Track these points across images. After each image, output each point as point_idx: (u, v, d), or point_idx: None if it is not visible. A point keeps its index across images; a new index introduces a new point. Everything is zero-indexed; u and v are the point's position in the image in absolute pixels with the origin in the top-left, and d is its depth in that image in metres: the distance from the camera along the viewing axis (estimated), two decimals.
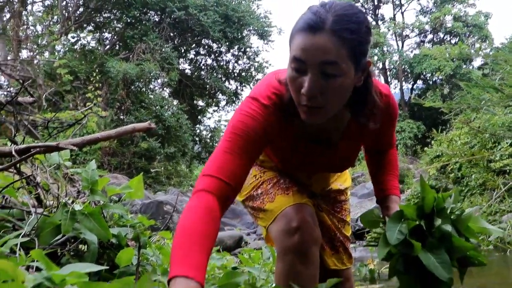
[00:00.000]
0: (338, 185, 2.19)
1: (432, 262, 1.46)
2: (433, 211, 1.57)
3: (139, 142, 19.52)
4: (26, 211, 2.14)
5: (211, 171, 1.49)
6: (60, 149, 1.71)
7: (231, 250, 6.83)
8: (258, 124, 1.58)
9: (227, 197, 1.49)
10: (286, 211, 1.85)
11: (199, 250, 1.28)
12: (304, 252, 1.80)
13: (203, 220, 1.37)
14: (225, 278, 1.89)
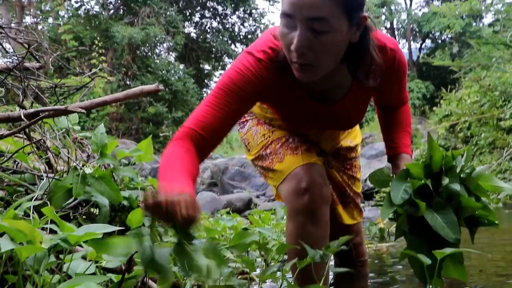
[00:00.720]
0: (348, 142, 2.17)
1: (439, 222, 1.43)
2: (441, 170, 1.53)
3: (147, 107, 19.52)
4: (38, 176, 2.15)
5: (189, 123, 1.54)
6: (68, 112, 1.70)
7: (240, 213, 6.89)
8: (246, 80, 1.56)
9: (200, 147, 1.52)
10: (295, 171, 1.85)
11: (185, 173, 1.38)
12: (314, 212, 1.80)
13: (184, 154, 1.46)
14: (236, 238, 1.91)
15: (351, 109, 1.83)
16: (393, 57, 1.68)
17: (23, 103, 2.14)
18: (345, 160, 2.18)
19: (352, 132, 2.20)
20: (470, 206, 1.45)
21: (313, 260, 1.56)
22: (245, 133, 2.10)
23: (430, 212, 1.44)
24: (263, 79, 1.58)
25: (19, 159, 2.20)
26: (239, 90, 1.56)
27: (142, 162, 2.44)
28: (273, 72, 1.59)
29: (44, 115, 1.61)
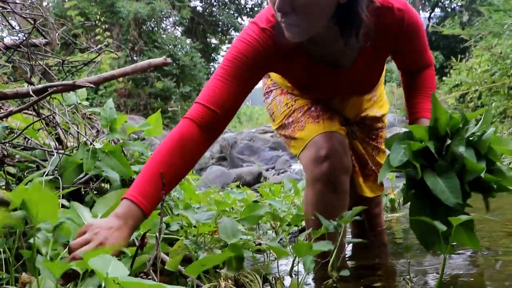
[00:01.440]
0: (374, 111, 2.14)
1: (439, 186, 1.37)
2: (447, 132, 1.45)
3: (154, 82, 19.49)
4: (48, 152, 2.15)
5: (200, 98, 1.54)
6: (77, 87, 1.69)
7: (250, 186, 6.91)
8: (253, 50, 1.56)
9: (213, 125, 1.53)
10: (315, 139, 1.85)
11: (154, 180, 1.40)
12: (333, 181, 1.80)
13: (170, 151, 1.47)
14: (247, 211, 1.92)
15: (363, 74, 1.80)
16: (401, 17, 1.62)
17: (31, 79, 2.14)
18: (371, 130, 2.15)
19: (379, 102, 2.17)
20: (474, 169, 1.38)
21: (327, 231, 1.56)
22: (269, 103, 2.10)
23: (431, 175, 1.39)
24: (269, 48, 1.58)
25: (29, 136, 2.20)
26: (248, 60, 1.55)
27: (151, 136, 2.44)
28: (277, 39, 1.58)
29: (53, 90, 1.60)
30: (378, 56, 1.75)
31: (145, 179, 1.41)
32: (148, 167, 1.44)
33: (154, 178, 1.41)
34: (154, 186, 1.40)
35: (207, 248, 1.93)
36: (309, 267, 1.37)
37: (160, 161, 1.45)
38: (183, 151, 1.48)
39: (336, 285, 1.57)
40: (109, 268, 0.81)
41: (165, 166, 1.43)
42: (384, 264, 1.92)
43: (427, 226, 1.42)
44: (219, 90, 1.53)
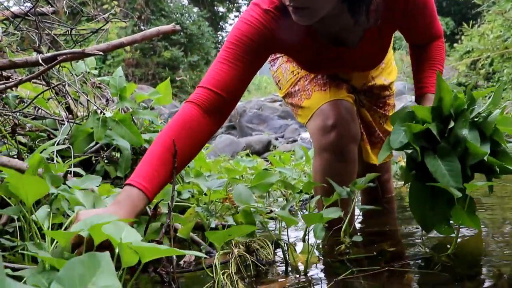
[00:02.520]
0: (383, 79, 2.10)
1: (440, 169, 1.32)
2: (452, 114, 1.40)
3: (162, 51, 19.39)
4: (59, 121, 2.16)
5: (204, 81, 1.48)
6: (86, 55, 1.68)
7: (259, 154, 6.94)
8: (256, 32, 1.51)
9: (218, 109, 1.47)
10: (322, 108, 1.83)
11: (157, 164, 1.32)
12: (341, 150, 1.79)
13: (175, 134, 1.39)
14: (257, 178, 1.92)
15: (369, 52, 1.76)
16: None
17: (39, 48, 2.12)
18: (378, 99, 2.12)
19: (387, 68, 2.12)
20: (477, 153, 1.33)
21: (339, 197, 1.56)
22: (275, 71, 2.08)
23: (432, 158, 1.35)
24: (272, 29, 1.53)
25: (39, 105, 2.20)
26: (251, 41, 1.51)
27: (161, 105, 2.44)
28: (281, 21, 1.53)
29: (62, 58, 1.59)
30: (385, 33, 1.69)
31: (147, 164, 1.33)
32: (152, 152, 1.36)
33: (159, 164, 1.33)
34: (159, 172, 1.32)
35: (218, 216, 1.95)
36: (319, 235, 1.37)
37: (165, 146, 1.36)
38: (187, 136, 1.41)
39: (349, 250, 1.58)
40: (122, 234, 0.81)
41: (171, 151, 1.36)
42: (395, 230, 1.92)
43: (427, 209, 1.40)
44: (224, 73, 1.48)
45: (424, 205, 1.41)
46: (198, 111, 1.45)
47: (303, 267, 1.42)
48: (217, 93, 1.46)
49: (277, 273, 1.43)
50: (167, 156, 1.34)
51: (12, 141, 1.90)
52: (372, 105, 2.11)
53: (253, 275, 1.40)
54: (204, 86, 1.48)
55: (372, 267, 1.39)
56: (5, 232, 1.63)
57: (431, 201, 1.42)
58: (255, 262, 1.45)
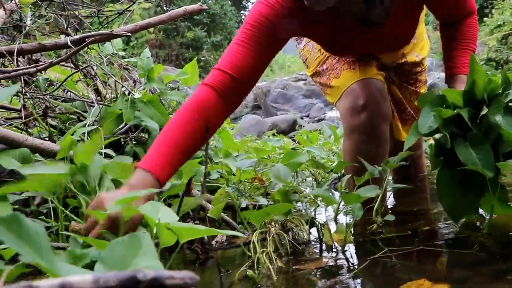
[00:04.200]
0: (415, 56, 2.04)
1: (471, 157, 1.25)
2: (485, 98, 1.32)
3: (185, 32, 19.40)
4: (88, 103, 2.17)
5: (220, 64, 1.44)
6: (114, 36, 1.68)
7: (285, 134, 6.91)
8: (275, 13, 1.45)
9: (232, 92, 1.43)
10: (352, 87, 1.79)
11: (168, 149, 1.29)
12: (371, 130, 1.75)
13: (186, 120, 1.36)
14: (286, 158, 1.91)
15: (396, 32, 1.70)
16: None
17: (67, 31, 2.13)
18: (410, 75, 2.06)
19: (419, 43, 2.06)
20: (511, 140, 1.26)
21: (371, 176, 1.54)
22: (302, 49, 2.04)
23: (463, 146, 1.28)
24: (291, 11, 1.47)
25: (68, 87, 2.22)
26: (270, 23, 1.45)
27: (188, 85, 2.43)
28: (300, 2, 1.47)
29: (90, 40, 1.59)
30: (411, 12, 1.64)
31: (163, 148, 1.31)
32: (166, 136, 1.34)
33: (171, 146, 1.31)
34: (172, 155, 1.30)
35: (247, 196, 1.95)
36: (357, 214, 1.36)
37: (179, 130, 1.35)
38: (201, 118, 1.38)
39: (381, 230, 1.57)
40: (159, 214, 0.81)
41: (185, 134, 1.34)
42: (427, 209, 1.90)
43: (456, 198, 1.35)
44: (240, 55, 1.43)
45: (453, 194, 1.35)
46: (212, 94, 1.41)
47: (338, 247, 1.42)
48: (232, 75, 1.42)
49: (312, 252, 1.43)
50: (180, 140, 1.32)
51: (44, 123, 1.92)
52: (402, 82, 2.06)
53: (290, 254, 1.41)
54: (220, 68, 1.44)
55: (405, 246, 1.38)
56: (39, 213, 1.66)
57: (460, 190, 1.35)
58: (291, 241, 1.45)
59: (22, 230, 0.42)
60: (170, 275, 0.34)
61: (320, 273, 1.24)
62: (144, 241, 0.58)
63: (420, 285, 1.12)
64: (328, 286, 1.15)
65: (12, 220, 0.42)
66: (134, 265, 0.55)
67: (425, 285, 1.11)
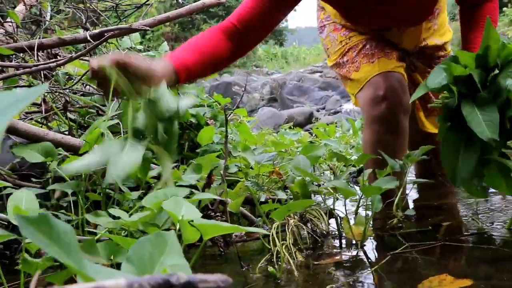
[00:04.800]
0: (435, 40, 2.02)
1: (476, 118, 1.22)
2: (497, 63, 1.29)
3: (201, 25, 19.41)
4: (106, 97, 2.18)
5: (232, 15, 1.53)
6: (133, 30, 1.68)
7: (302, 126, 6.89)
8: None
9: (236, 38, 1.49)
10: (373, 79, 1.80)
11: (192, 50, 1.38)
12: (391, 121, 1.75)
13: (206, 36, 1.46)
14: (304, 151, 1.90)
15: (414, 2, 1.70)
16: None
17: (85, 25, 2.14)
18: (432, 60, 2.03)
19: (440, 30, 2.04)
20: None
21: (392, 170, 1.52)
22: (324, 39, 2.05)
23: (469, 106, 1.26)
24: None
25: (88, 81, 2.22)
26: None
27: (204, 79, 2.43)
28: None
29: (110, 35, 1.60)
30: None
31: (186, 52, 1.38)
32: (185, 45, 1.43)
33: (192, 49, 1.39)
34: (187, 54, 1.37)
35: (265, 189, 1.94)
36: (377, 206, 1.35)
37: (194, 41, 1.45)
38: (216, 37, 1.46)
39: (402, 224, 1.55)
40: (181, 210, 0.81)
41: (205, 41, 1.44)
42: (449, 204, 1.88)
43: (459, 161, 1.31)
44: (248, 8, 1.51)
45: (456, 157, 1.32)
46: (219, 31, 1.48)
47: (357, 240, 1.41)
48: (235, 25, 1.49)
49: (332, 246, 1.42)
50: (198, 45, 1.41)
51: (63, 118, 1.94)
52: (426, 68, 2.03)
53: (309, 247, 1.40)
54: (229, 19, 1.52)
55: (426, 241, 1.36)
56: (59, 207, 1.68)
57: (464, 153, 1.32)
58: (310, 233, 1.44)
59: (51, 230, 0.42)
60: (203, 278, 0.33)
61: (340, 268, 1.24)
62: (169, 239, 0.58)
63: (442, 280, 1.11)
64: (348, 282, 1.14)
65: (41, 220, 0.42)
66: (161, 264, 0.55)
67: (447, 280, 1.10)
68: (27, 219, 0.41)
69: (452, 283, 1.09)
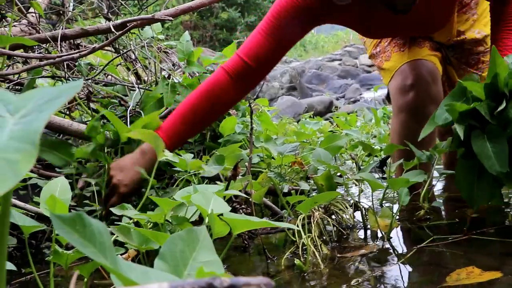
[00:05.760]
0: (475, 33, 1.89)
1: (486, 150, 1.23)
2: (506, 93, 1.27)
3: (219, 13, 19.36)
4: (129, 87, 2.18)
5: (239, 49, 1.56)
6: (156, 20, 1.68)
7: (322, 115, 6.84)
8: (295, 7, 1.48)
9: (245, 76, 1.54)
10: (402, 68, 1.77)
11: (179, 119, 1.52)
12: (419, 110, 1.72)
13: (199, 95, 1.55)
14: (326, 141, 1.89)
15: (426, 16, 1.61)
16: None
17: (108, 15, 2.14)
18: (470, 55, 1.93)
19: (482, 20, 1.90)
20: None
21: (419, 161, 1.50)
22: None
23: (479, 138, 1.26)
24: (312, 4, 1.48)
25: (110, 72, 2.23)
26: (290, 17, 1.49)
27: None
28: None
29: (132, 25, 1.59)
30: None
31: (172, 118, 1.53)
32: (178, 108, 1.55)
33: (180, 118, 1.52)
34: (179, 126, 1.52)
35: (287, 180, 1.93)
36: (404, 199, 1.33)
37: (188, 104, 1.54)
38: (210, 96, 1.54)
39: (428, 216, 1.53)
40: (210, 204, 0.80)
41: (192, 108, 1.53)
42: None
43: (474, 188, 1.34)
44: (258, 43, 1.51)
45: (471, 183, 1.34)
46: (225, 76, 1.53)
47: (383, 233, 1.39)
48: (246, 61, 1.52)
49: (357, 238, 1.41)
50: (189, 113, 1.53)
51: (86, 108, 1.94)
52: (461, 63, 1.95)
53: (335, 240, 1.39)
54: (238, 53, 1.54)
55: (453, 234, 1.34)
56: (83, 197, 1.69)
57: (478, 181, 1.34)
58: (335, 225, 1.43)
59: (86, 229, 0.42)
60: (246, 281, 0.32)
61: (366, 261, 1.22)
62: (201, 235, 0.57)
63: (469, 273, 1.10)
64: (375, 276, 1.13)
65: (75, 219, 0.42)
66: (193, 260, 0.54)
67: (475, 272, 1.09)
68: (62, 218, 0.40)
69: (480, 275, 1.07)
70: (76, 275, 0.41)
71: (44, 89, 0.42)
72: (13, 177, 0.32)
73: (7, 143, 0.35)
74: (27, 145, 0.34)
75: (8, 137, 0.36)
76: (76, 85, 0.39)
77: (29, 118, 0.37)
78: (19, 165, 0.33)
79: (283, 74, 12.13)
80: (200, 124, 1.60)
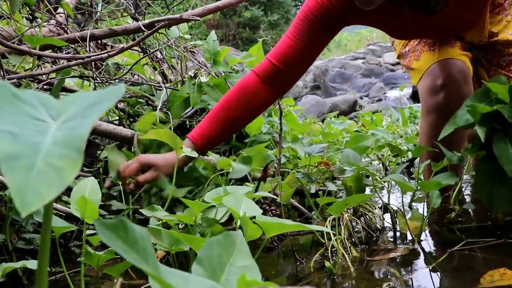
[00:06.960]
0: (509, 34, 1.83)
1: (507, 154, 1.21)
2: None
3: (242, 11, 19.38)
4: (155, 87, 2.19)
5: (269, 53, 1.58)
6: (183, 20, 1.68)
7: (346, 115, 6.79)
8: (323, 9, 1.48)
9: (275, 79, 1.56)
10: (432, 67, 1.72)
11: (210, 120, 1.55)
12: (450, 111, 1.67)
13: (230, 98, 1.57)
14: (352, 141, 1.86)
15: (456, 17, 1.59)
16: None
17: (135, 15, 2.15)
18: (502, 56, 1.90)
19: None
20: None
21: (449, 162, 1.47)
22: None
23: (501, 142, 1.25)
24: (340, 6, 1.47)
25: (136, 71, 2.24)
26: (317, 19, 1.49)
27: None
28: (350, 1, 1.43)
29: (160, 25, 1.59)
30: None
31: (205, 121, 1.56)
32: (211, 111, 1.58)
33: (211, 120, 1.54)
34: (210, 127, 1.54)
35: (314, 180, 1.91)
36: (435, 202, 1.31)
37: (220, 106, 1.56)
38: (241, 99, 1.56)
39: (460, 219, 1.50)
40: (241, 207, 0.80)
41: (224, 111, 1.55)
42: None
43: (494, 192, 1.32)
44: (287, 47, 1.53)
45: (491, 187, 1.32)
46: (255, 79, 1.55)
47: (413, 235, 1.37)
48: (276, 64, 1.53)
49: (387, 241, 1.39)
50: (220, 115, 1.55)
51: (113, 107, 1.96)
52: (492, 65, 1.91)
53: (364, 242, 1.37)
54: (267, 57, 1.56)
55: (485, 238, 1.31)
56: (110, 196, 1.70)
57: (499, 185, 1.32)
58: (364, 228, 1.41)
59: (128, 235, 0.41)
60: None
61: (396, 264, 1.21)
62: (238, 240, 0.57)
63: (502, 274, 1.08)
64: (405, 280, 1.11)
65: (118, 225, 0.42)
66: (230, 265, 0.54)
67: (508, 274, 1.07)
68: (105, 224, 0.40)
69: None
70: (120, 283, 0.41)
71: (85, 94, 0.41)
72: (59, 184, 0.32)
73: (50, 148, 0.35)
74: (71, 151, 0.34)
75: (51, 142, 0.35)
76: (117, 90, 0.38)
77: (72, 124, 0.37)
78: (65, 172, 0.33)
79: (307, 73, 12.07)
80: (231, 127, 1.60)
